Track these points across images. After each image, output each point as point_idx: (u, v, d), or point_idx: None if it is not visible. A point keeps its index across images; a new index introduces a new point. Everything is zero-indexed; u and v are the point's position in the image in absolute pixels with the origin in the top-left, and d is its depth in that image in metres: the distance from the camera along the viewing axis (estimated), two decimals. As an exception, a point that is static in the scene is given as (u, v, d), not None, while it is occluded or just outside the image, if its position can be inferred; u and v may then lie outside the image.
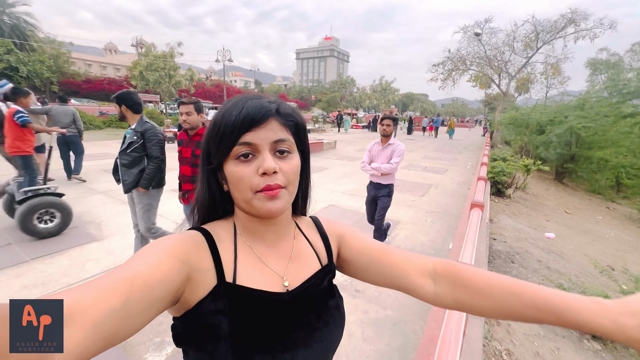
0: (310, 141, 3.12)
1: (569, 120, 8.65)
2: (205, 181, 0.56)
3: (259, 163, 0.49)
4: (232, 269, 0.52)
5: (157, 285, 0.40)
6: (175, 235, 0.51)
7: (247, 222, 0.56)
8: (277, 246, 0.58)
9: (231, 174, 0.50)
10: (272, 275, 0.55)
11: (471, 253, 1.54)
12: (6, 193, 3.54)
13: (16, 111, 3.57)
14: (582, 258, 4.12)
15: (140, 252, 0.44)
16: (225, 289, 0.49)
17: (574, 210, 6.91)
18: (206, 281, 0.49)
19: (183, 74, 23.27)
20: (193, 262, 0.47)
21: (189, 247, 0.48)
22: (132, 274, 0.39)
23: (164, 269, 0.42)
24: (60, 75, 26.84)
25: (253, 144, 0.49)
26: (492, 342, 2.21)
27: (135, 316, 0.37)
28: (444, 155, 11.56)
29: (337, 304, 0.61)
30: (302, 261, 0.60)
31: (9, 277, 2.46)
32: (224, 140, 0.50)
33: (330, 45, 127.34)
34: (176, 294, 0.45)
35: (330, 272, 0.62)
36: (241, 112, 0.49)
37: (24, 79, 11.93)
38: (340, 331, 0.59)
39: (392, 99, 54.40)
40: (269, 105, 0.51)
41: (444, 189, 6.26)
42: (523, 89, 24.06)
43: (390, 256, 0.59)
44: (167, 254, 0.44)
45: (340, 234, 0.66)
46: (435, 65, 23.49)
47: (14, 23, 26.52)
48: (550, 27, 19.01)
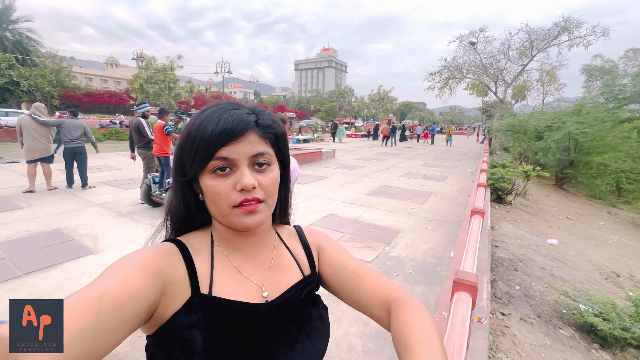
0: (309, 150, 3.14)
1: (566, 125, 8.69)
2: (179, 193, 0.53)
3: (237, 178, 0.47)
4: (208, 280, 0.50)
5: (129, 301, 0.38)
6: (146, 248, 0.48)
7: (224, 233, 0.54)
8: (256, 256, 0.56)
9: (207, 188, 0.48)
10: (250, 285, 0.53)
11: (472, 261, 1.50)
12: (144, 185, 4.71)
13: (163, 125, 4.84)
14: (586, 264, 4.06)
15: (110, 267, 0.42)
16: (200, 300, 0.47)
17: (576, 216, 6.85)
18: (180, 293, 0.46)
19: (183, 86, 23.53)
20: (166, 274, 0.45)
21: (162, 259, 0.46)
22: (101, 291, 0.37)
23: (135, 284, 0.40)
24: (61, 89, 27.15)
25: (230, 159, 0.47)
26: (497, 353, 2.14)
27: (107, 335, 0.35)
28: (443, 163, 11.57)
29: (320, 314, 0.58)
30: (283, 271, 0.58)
31: (1, 293, 2.41)
32: (199, 154, 0.47)
33: (329, 56, 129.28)
34: (150, 310, 0.42)
35: (312, 283, 0.60)
36: (218, 124, 0.46)
37: (25, 93, 12.02)
38: (324, 343, 0.57)
39: (390, 107, 54.90)
40: (247, 118, 0.48)
41: (444, 196, 6.23)
42: (519, 96, 24.26)
43: (363, 281, 0.56)
44: (138, 267, 0.42)
45: (320, 245, 0.64)
46: (432, 74, 23.81)
47: (17, 39, 27.00)
48: (544, 35, 19.35)
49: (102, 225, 3.85)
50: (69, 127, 5.51)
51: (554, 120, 10.05)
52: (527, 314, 2.68)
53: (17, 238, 3.40)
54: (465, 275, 1.26)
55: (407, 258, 3.30)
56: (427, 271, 3.04)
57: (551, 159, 8.81)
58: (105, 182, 6.25)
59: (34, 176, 5.35)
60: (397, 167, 9.96)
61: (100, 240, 3.43)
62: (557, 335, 2.50)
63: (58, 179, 5.97)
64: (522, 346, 2.29)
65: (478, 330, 1.87)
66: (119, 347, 1.88)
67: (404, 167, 10.02)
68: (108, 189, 5.76)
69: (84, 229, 3.73)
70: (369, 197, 5.89)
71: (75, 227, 3.76)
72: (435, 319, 1.80)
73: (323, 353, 0.56)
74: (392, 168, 9.78)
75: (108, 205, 4.69)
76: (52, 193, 5.30)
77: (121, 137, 15.11)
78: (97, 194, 5.36)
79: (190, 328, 0.45)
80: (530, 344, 2.34)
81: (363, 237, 3.80)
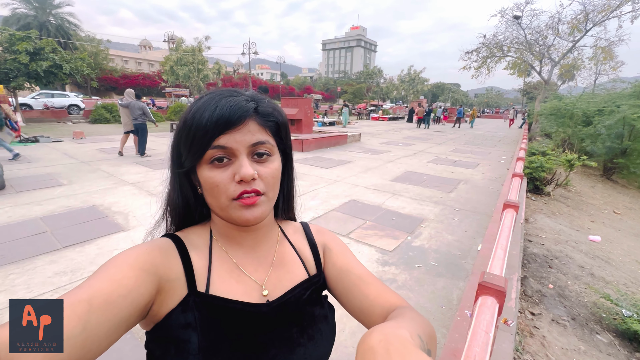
0: (334, 134, 3.00)
1: (622, 109, 7.77)
2: (177, 185, 0.51)
3: (236, 169, 0.45)
4: (205, 278, 0.48)
5: (120, 301, 0.37)
6: (140, 245, 0.46)
7: (224, 228, 0.52)
8: (257, 251, 0.54)
9: (205, 179, 0.46)
10: (249, 283, 0.51)
11: (502, 262, 1.37)
12: None
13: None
14: (633, 265, 3.69)
15: (102, 266, 0.41)
16: (196, 299, 0.46)
17: (624, 211, 6.23)
18: (176, 291, 0.45)
19: (211, 68, 23.84)
20: (161, 271, 0.44)
21: (155, 255, 0.44)
22: (90, 293, 0.36)
23: (128, 283, 0.39)
24: (99, 71, 28.59)
25: (228, 147, 0.44)
26: (523, 355, 2.01)
27: (98, 338, 0.34)
28: (476, 149, 10.92)
29: (325, 315, 0.55)
30: (285, 268, 0.55)
31: (44, 264, 2.61)
32: (195, 143, 0.45)
33: (357, 35, 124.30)
34: (145, 308, 0.41)
35: (318, 283, 0.57)
36: (214, 112, 0.44)
37: (67, 76, 12.76)
38: (329, 346, 0.54)
39: (420, 89, 52.33)
40: (246, 105, 0.46)
41: (474, 184, 5.89)
42: (567, 76, 22.02)
43: (368, 287, 0.53)
44: (130, 265, 0.41)
45: (327, 245, 0.61)
46: (469, 52, 22.07)
47: (59, 23, 28.55)
48: (603, 5, 17.06)
49: (133, 204, 4.05)
50: (133, 108, 6.87)
51: (606, 103, 9.05)
52: (560, 315, 2.49)
53: (58, 213, 3.67)
54: (492, 278, 1.14)
55: (431, 249, 3.17)
56: (451, 264, 2.90)
57: (600, 146, 8.00)
58: (137, 162, 6.57)
59: (124, 142, 7.29)
60: (425, 153, 9.55)
61: (130, 218, 3.62)
62: (593, 340, 2.30)
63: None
64: (552, 349, 2.14)
65: (503, 331, 1.75)
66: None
67: (433, 153, 9.58)
68: (140, 168, 6.05)
69: (117, 206, 3.95)
70: (394, 183, 5.71)
71: (109, 205, 3.99)
72: (457, 317, 1.70)
73: (327, 356, 0.54)
74: (420, 153, 9.39)
75: (139, 185, 4.93)
76: (91, 170, 5.68)
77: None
78: (130, 173, 5.65)
79: (186, 328, 0.44)
80: (562, 347, 2.18)
81: (385, 225, 3.69)
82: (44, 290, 2.26)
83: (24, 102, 15.02)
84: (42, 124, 13.40)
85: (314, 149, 9.10)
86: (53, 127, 12.54)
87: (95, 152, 7.62)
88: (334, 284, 0.57)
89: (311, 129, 10.46)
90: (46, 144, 8.55)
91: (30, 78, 11.93)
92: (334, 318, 0.58)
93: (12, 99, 12.77)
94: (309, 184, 5.31)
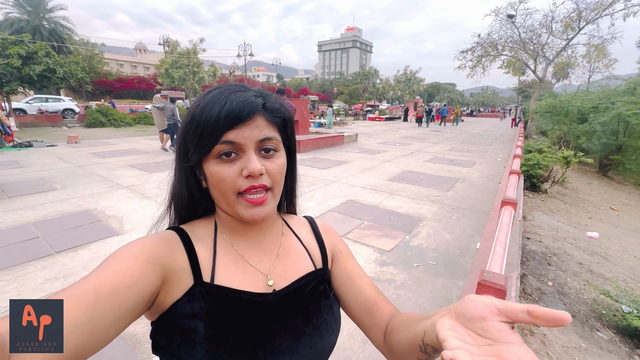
0: (330, 134, 2.97)
1: (616, 106, 7.82)
2: (182, 179, 0.52)
3: (244, 164, 0.45)
4: (210, 268, 0.48)
5: (126, 292, 0.38)
6: (145, 236, 0.47)
7: (228, 222, 0.53)
8: (262, 243, 0.55)
9: (212, 174, 0.46)
10: (254, 273, 0.51)
11: (501, 259, 1.34)
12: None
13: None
14: (631, 261, 3.69)
15: (108, 258, 0.41)
16: (202, 289, 0.46)
17: (621, 207, 6.25)
18: (181, 281, 0.46)
19: (206, 70, 23.77)
20: (166, 262, 0.44)
21: (160, 247, 0.45)
22: (96, 283, 0.36)
23: (133, 274, 0.39)
24: (94, 75, 28.42)
25: (237, 143, 0.45)
26: (524, 354, 1.99)
27: (105, 328, 0.35)
28: (472, 148, 10.94)
29: (330, 305, 0.56)
30: (291, 259, 0.56)
31: (35, 270, 2.56)
32: (204, 137, 0.45)
33: (353, 36, 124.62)
34: (150, 299, 0.42)
35: (324, 276, 0.58)
36: (224, 107, 0.44)
37: (61, 80, 12.64)
38: (334, 337, 0.54)
39: (417, 89, 52.43)
40: (254, 100, 0.46)
41: (472, 183, 5.88)
42: (562, 74, 22.17)
43: (371, 293, 0.56)
44: (135, 257, 0.41)
45: (338, 246, 0.62)
46: (464, 51, 22.12)
47: (52, 27, 28.36)
48: (596, 3, 17.19)
49: (128, 208, 4.00)
50: (166, 110, 8.15)
51: (601, 100, 9.10)
52: (560, 313, 2.47)
53: (51, 218, 3.61)
54: (491, 277, 1.11)
55: (429, 248, 3.14)
56: (450, 263, 2.87)
57: (596, 143, 8.04)
58: (132, 165, 6.50)
59: (163, 139, 8.63)
60: (422, 152, 9.55)
61: (125, 222, 3.57)
62: (593, 337, 2.28)
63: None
64: (552, 347, 2.12)
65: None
66: (137, 327, 1.94)
67: (430, 152, 9.58)
68: (135, 172, 5.98)
69: (111, 210, 3.90)
70: (391, 183, 5.69)
71: (103, 209, 3.93)
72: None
73: (332, 347, 0.54)
74: (417, 153, 9.39)
75: (134, 188, 4.87)
76: (85, 174, 5.60)
77: (150, 122, 15.67)
78: (125, 176, 5.59)
79: (192, 317, 0.44)
80: (563, 345, 2.16)
81: (383, 225, 3.66)
82: (34, 297, 2.21)
83: (18, 107, 14.89)
84: (36, 129, 13.26)
85: (311, 149, 9.07)
86: (47, 132, 12.42)
87: (89, 155, 7.54)
88: (342, 287, 0.58)
89: (308, 130, 10.44)
90: (40, 149, 8.46)
91: (23, 82, 11.82)
92: (340, 310, 0.58)
93: (5, 104, 12.65)
94: (305, 185, 5.27)
